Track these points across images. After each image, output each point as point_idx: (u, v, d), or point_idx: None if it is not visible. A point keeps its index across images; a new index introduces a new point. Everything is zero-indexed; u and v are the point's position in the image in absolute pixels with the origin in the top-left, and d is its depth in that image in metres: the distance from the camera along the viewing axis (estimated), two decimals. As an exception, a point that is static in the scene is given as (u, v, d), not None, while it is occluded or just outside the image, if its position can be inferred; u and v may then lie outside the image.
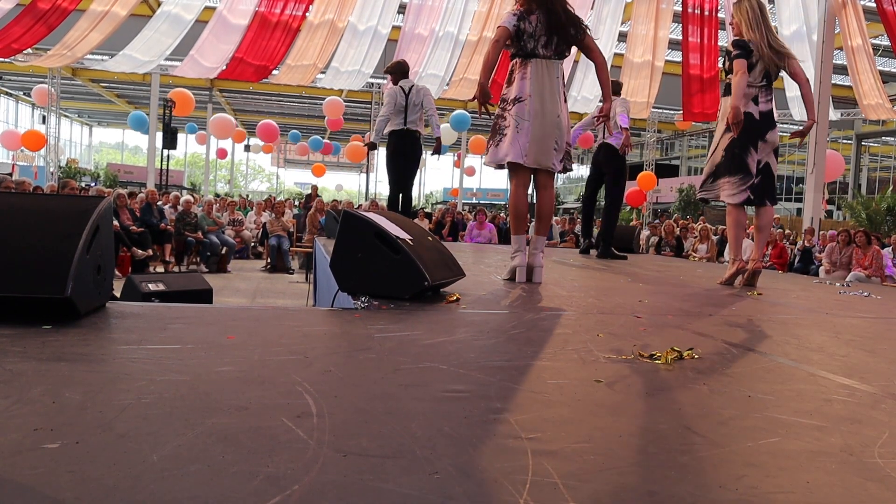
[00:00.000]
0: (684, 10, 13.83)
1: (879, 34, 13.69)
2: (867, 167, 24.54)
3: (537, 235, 3.21)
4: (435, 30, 14.11)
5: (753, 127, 3.61)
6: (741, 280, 3.73)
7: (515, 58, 3.11)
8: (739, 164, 3.64)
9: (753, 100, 3.63)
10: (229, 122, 19.33)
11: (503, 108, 3.11)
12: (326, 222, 7.72)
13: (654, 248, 11.05)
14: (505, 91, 3.12)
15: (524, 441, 0.97)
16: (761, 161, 3.66)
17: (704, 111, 14.81)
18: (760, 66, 3.61)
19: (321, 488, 0.78)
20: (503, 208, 30.11)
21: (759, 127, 3.62)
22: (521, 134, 3.04)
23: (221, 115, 20.14)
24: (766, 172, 3.68)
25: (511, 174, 3.20)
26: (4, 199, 1.83)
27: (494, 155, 3.14)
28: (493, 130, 3.15)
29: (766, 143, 3.65)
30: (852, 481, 0.90)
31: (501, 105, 3.12)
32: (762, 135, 3.63)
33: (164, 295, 4.22)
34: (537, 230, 3.24)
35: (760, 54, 3.58)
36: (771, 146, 3.67)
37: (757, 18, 3.61)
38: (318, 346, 1.59)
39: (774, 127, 3.69)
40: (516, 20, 3.02)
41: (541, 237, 3.21)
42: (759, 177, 3.66)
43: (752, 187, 3.65)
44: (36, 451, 0.84)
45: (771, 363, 1.68)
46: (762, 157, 3.66)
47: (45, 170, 19.31)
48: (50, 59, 13.69)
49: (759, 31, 3.59)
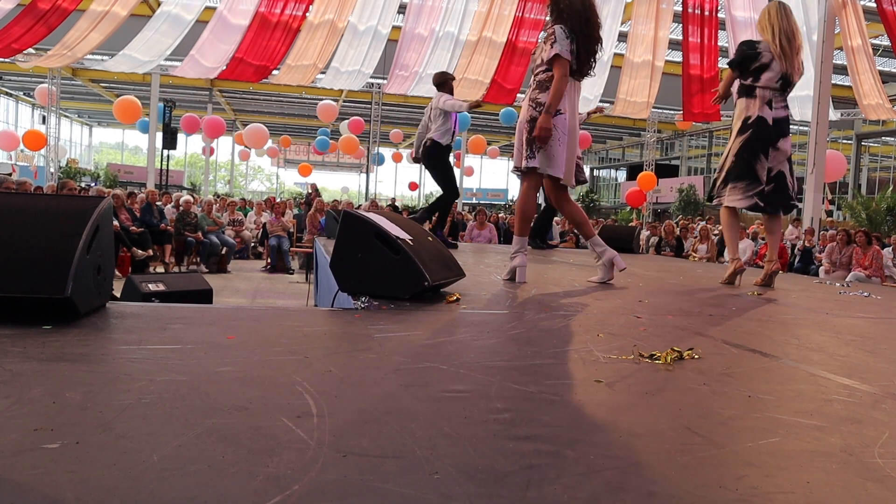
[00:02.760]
0: (684, 10, 13.83)
1: (879, 34, 13.68)
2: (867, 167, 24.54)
3: (594, 237, 3.35)
4: (435, 30, 14.10)
5: (765, 133, 3.54)
6: (763, 279, 3.75)
7: (548, 70, 3.08)
8: (748, 170, 3.57)
9: (768, 104, 3.55)
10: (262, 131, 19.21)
11: (539, 112, 3.06)
12: (326, 222, 7.72)
13: (654, 249, 11.05)
14: (541, 97, 3.08)
15: (524, 441, 0.97)
16: (773, 169, 3.56)
17: (704, 111, 14.81)
18: (777, 68, 3.51)
19: (321, 488, 0.78)
20: (503, 208, 30.11)
21: (771, 134, 3.54)
22: (561, 147, 3.11)
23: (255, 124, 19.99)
24: (779, 181, 3.58)
25: (526, 177, 3.20)
26: (4, 199, 1.83)
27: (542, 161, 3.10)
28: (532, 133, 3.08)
29: (777, 151, 3.55)
30: (852, 481, 0.90)
31: (538, 109, 3.06)
32: (774, 142, 3.54)
33: (164, 295, 4.22)
34: (588, 233, 3.36)
35: (773, 56, 3.50)
36: (783, 154, 3.57)
37: (771, 20, 3.55)
38: (318, 346, 1.59)
39: (787, 135, 3.59)
40: (569, 43, 3.05)
41: (595, 237, 3.35)
42: (770, 184, 3.56)
43: (762, 195, 3.56)
44: (36, 451, 0.84)
45: (771, 363, 1.68)
46: (773, 164, 3.56)
47: (44, 170, 19.31)
48: (50, 59, 13.69)
49: (770, 33, 3.53)
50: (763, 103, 3.55)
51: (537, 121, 3.04)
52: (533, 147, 3.08)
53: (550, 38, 3.09)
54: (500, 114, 17.14)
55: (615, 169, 36.60)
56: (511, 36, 13.88)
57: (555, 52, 3.05)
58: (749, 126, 3.58)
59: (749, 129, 3.58)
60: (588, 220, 3.44)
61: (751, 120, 3.58)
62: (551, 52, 3.06)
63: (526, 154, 3.11)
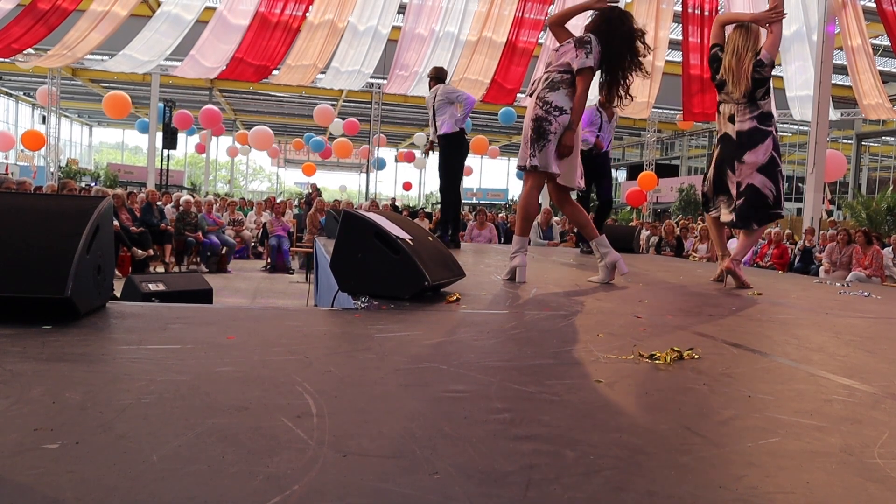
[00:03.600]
0: (684, 11, 13.83)
1: (879, 34, 13.68)
2: (867, 167, 24.53)
3: (598, 237, 3.32)
4: (435, 30, 14.10)
5: (729, 149, 3.49)
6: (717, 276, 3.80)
7: (567, 74, 3.09)
8: (722, 186, 3.57)
9: (730, 119, 3.51)
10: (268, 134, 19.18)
11: (547, 112, 3.05)
12: (326, 222, 7.72)
13: (654, 248, 11.05)
14: (549, 97, 3.07)
15: (524, 441, 0.97)
16: (741, 184, 3.46)
17: (704, 111, 14.80)
18: (730, 83, 3.46)
19: (321, 488, 0.78)
20: (503, 208, 30.10)
21: (734, 148, 3.47)
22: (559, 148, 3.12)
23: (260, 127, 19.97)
24: (750, 194, 3.44)
25: (529, 176, 3.19)
26: (4, 199, 1.83)
27: (542, 159, 3.10)
28: (538, 132, 3.07)
29: (743, 165, 3.44)
30: (852, 481, 0.90)
31: (545, 108, 3.05)
32: (739, 156, 3.45)
33: (164, 295, 4.22)
34: (592, 234, 3.34)
35: (724, 71, 3.48)
36: (751, 167, 3.43)
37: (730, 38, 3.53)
38: (318, 346, 1.59)
39: (755, 146, 3.42)
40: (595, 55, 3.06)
41: (601, 237, 3.34)
42: (740, 199, 3.47)
43: (735, 210, 3.50)
44: (36, 451, 0.84)
45: (771, 363, 1.68)
46: (742, 178, 3.46)
47: (44, 170, 19.30)
48: (50, 59, 13.69)
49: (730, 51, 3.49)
50: (725, 119, 3.55)
51: (561, 139, 3.06)
52: (536, 146, 3.07)
53: (585, 47, 3.05)
54: (500, 114, 17.13)
55: (615, 169, 36.60)
56: (511, 36, 13.88)
57: (588, 64, 3.03)
58: (718, 143, 3.64)
59: (718, 145, 3.64)
60: (591, 222, 3.43)
61: (718, 136, 3.64)
62: (586, 62, 3.03)
63: (529, 152, 3.10)
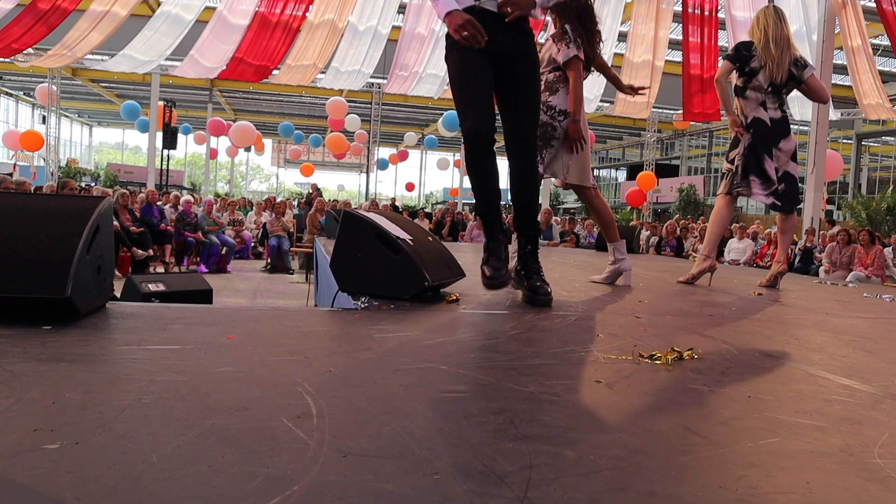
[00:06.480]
0: (684, 10, 13.83)
1: (879, 34, 13.69)
2: (867, 167, 24.53)
3: (617, 242, 3.28)
4: (435, 30, 14.10)
5: (765, 134, 3.56)
6: (769, 280, 3.75)
7: (558, 71, 3.05)
8: (759, 170, 3.59)
9: (762, 105, 3.57)
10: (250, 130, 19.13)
11: (552, 118, 3.03)
12: (326, 222, 7.72)
13: (654, 248, 11.06)
14: (551, 100, 3.04)
15: (524, 441, 0.97)
16: (779, 169, 3.61)
17: (704, 111, 14.81)
18: (765, 72, 3.52)
19: (321, 488, 0.78)
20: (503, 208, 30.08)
21: (771, 134, 3.57)
22: (565, 148, 3.09)
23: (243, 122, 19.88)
24: (788, 180, 3.63)
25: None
26: (4, 199, 1.83)
27: (550, 168, 3.10)
28: (544, 139, 3.03)
29: (780, 152, 3.59)
30: (852, 481, 0.90)
31: (549, 113, 3.02)
32: (775, 142, 3.57)
33: (164, 295, 4.23)
34: (613, 237, 3.30)
35: (763, 60, 3.51)
36: (786, 155, 3.61)
37: (761, 25, 3.55)
38: (318, 346, 1.59)
39: (788, 135, 3.62)
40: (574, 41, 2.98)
41: (620, 242, 3.29)
42: (781, 184, 3.60)
43: (778, 195, 3.60)
44: (36, 451, 0.84)
45: (771, 363, 1.68)
46: (780, 165, 3.60)
47: (44, 170, 19.30)
48: (50, 59, 13.70)
49: (760, 39, 3.53)
50: (757, 104, 3.58)
51: (568, 132, 3.02)
52: (543, 153, 3.05)
53: (565, 38, 3.00)
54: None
55: (615, 169, 36.58)
56: (511, 36, 13.87)
57: (573, 53, 2.97)
58: (748, 127, 3.60)
59: (749, 129, 3.60)
60: (615, 223, 3.37)
61: (748, 121, 3.60)
62: (568, 53, 2.98)
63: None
